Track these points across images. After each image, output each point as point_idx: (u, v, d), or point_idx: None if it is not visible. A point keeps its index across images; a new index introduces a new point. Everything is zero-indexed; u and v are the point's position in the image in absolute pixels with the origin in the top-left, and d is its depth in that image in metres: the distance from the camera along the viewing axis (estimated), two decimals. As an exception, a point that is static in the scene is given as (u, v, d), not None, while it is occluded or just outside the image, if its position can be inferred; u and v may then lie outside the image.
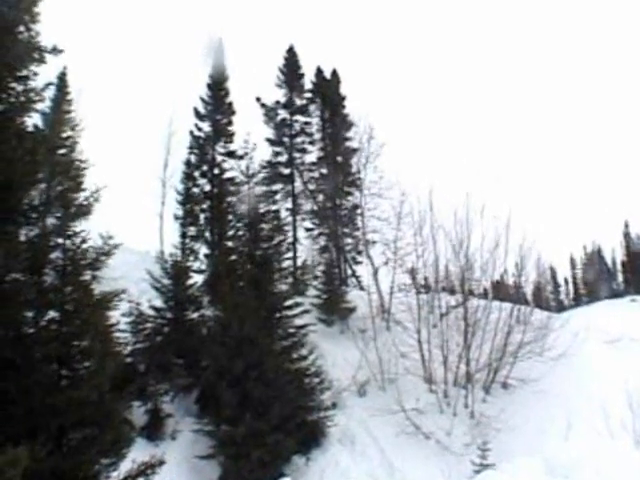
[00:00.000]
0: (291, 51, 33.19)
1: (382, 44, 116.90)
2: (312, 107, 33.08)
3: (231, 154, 27.55)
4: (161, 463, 11.18)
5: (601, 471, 15.02)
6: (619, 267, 64.60)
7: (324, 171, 32.24)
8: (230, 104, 28.01)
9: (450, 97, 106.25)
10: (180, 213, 26.38)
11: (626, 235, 61.68)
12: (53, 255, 10.62)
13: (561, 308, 56.00)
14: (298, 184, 31.92)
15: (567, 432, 18.13)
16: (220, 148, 27.47)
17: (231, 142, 27.70)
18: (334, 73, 33.78)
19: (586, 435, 17.88)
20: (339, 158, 31.90)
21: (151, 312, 18.82)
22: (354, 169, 30.62)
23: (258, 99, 31.99)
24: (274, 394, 16.27)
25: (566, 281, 70.51)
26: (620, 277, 64.28)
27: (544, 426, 18.58)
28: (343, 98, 33.34)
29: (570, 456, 16.26)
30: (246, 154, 24.25)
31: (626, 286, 59.91)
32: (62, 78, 28.90)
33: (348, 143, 31.76)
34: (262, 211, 22.98)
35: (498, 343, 21.19)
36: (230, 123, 27.86)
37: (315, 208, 31.75)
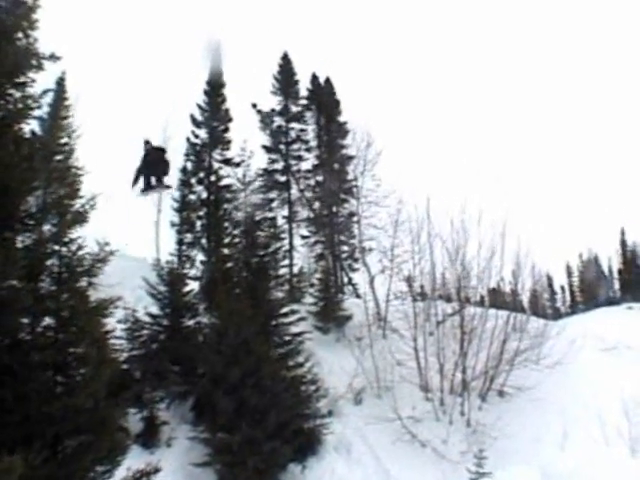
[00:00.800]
0: (285, 58, 33.28)
1: (377, 49, 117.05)
2: (308, 114, 33.18)
3: (228, 161, 27.56)
4: (156, 471, 11.13)
5: (597, 479, 15.06)
6: (616, 274, 64.88)
7: (320, 178, 32.28)
8: (227, 111, 28.01)
9: (447, 104, 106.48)
10: (176, 220, 26.34)
11: (622, 242, 62.10)
12: (49, 262, 10.60)
13: (558, 315, 56.25)
14: (294, 191, 32.00)
15: (563, 440, 18.19)
16: (217, 155, 27.45)
17: (228, 149, 27.71)
18: (327, 80, 33.92)
19: (582, 443, 17.95)
20: (335, 165, 31.94)
21: (147, 319, 18.78)
22: (351, 176, 30.71)
23: (254, 105, 32.07)
24: (270, 402, 16.23)
25: (562, 288, 70.89)
26: (617, 284, 64.56)
27: (540, 434, 18.62)
28: (338, 104, 33.45)
29: (566, 464, 16.33)
30: (243, 161, 24.26)
31: (623, 293, 60.17)
32: (60, 84, 28.93)
33: (344, 150, 31.87)
34: (258, 219, 22.99)
35: (494, 351, 21.23)
36: (227, 130, 27.86)
37: (311, 216, 31.79)
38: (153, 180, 22.88)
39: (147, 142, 20.30)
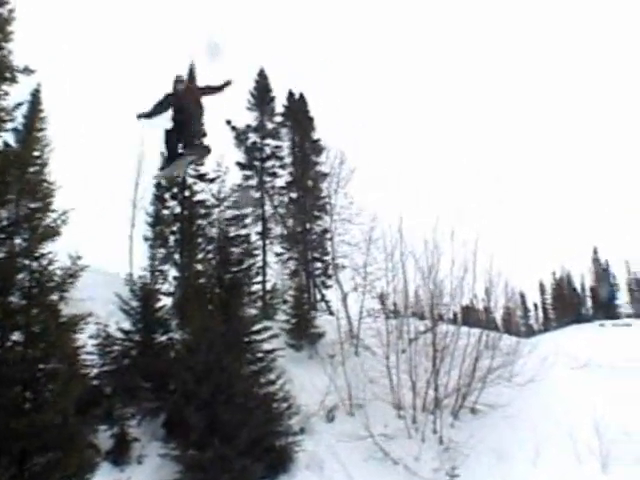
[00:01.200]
0: (262, 74, 33.39)
1: (359, 57, 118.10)
2: (283, 130, 33.23)
3: (202, 177, 27.50)
4: (125, 488, 11.04)
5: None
6: (588, 292, 65.90)
7: (294, 195, 32.30)
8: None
9: (419, 122, 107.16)
10: (150, 235, 26.23)
11: (595, 261, 63.30)
12: (19, 276, 10.50)
13: (530, 333, 56.94)
14: (268, 208, 31.96)
15: (535, 457, 18.23)
16: (191, 170, 27.39)
17: (202, 165, 27.65)
18: (301, 96, 34.05)
19: (554, 460, 18.04)
20: (309, 182, 31.96)
21: (119, 334, 18.59)
22: (324, 194, 30.75)
23: (228, 122, 32.04)
24: (242, 419, 16.10)
25: (535, 306, 71.77)
26: (589, 302, 65.58)
27: (512, 451, 18.68)
28: (312, 121, 33.55)
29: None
30: (217, 177, 24.15)
31: (595, 311, 61.22)
32: (35, 95, 28.73)
33: (318, 167, 31.92)
34: (232, 235, 22.90)
35: (466, 369, 21.29)
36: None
37: (285, 232, 31.77)
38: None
39: (179, 80, 12.04)
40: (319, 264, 32.05)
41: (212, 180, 27.60)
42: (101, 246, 26.87)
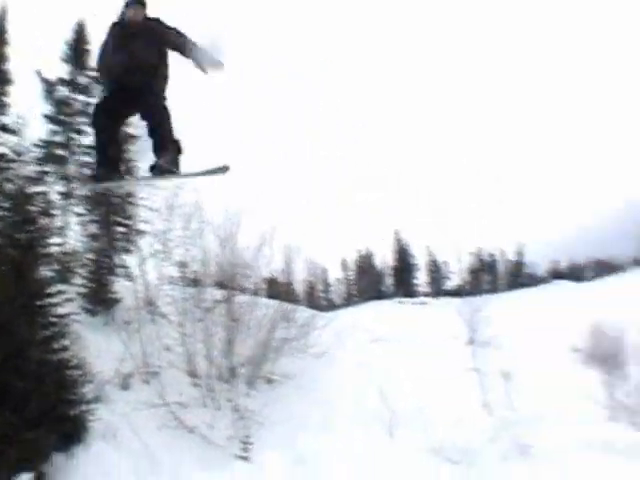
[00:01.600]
0: (80, 25, 31.70)
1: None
2: (98, 88, 31.93)
3: (3, 128, 26.02)
4: None
5: (357, 460, 16.00)
6: (389, 271, 70.05)
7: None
8: (6, 71, 26.43)
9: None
10: (-58, 188, 24.61)
11: (397, 241, 67.71)
12: None
13: (332, 307, 59.33)
14: (73, 167, 30.74)
15: (326, 425, 19.18)
16: (-7, 122, 25.91)
17: (5, 114, 26.17)
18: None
19: (344, 428, 19.03)
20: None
21: None
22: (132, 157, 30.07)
23: (39, 73, 30.39)
24: (34, 387, 15.54)
25: (338, 281, 74.71)
26: (390, 280, 69.71)
27: (305, 420, 19.60)
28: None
29: (325, 448, 17.13)
30: (20, 130, 22.96)
31: (395, 289, 65.23)
32: None
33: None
34: (30, 192, 21.85)
35: (262, 339, 21.80)
36: (5, 93, 26.31)
37: (88, 194, 30.71)
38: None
39: (134, 2, 7.59)
40: (121, 228, 31.31)
41: (14, 132, 26.18)
42: None
